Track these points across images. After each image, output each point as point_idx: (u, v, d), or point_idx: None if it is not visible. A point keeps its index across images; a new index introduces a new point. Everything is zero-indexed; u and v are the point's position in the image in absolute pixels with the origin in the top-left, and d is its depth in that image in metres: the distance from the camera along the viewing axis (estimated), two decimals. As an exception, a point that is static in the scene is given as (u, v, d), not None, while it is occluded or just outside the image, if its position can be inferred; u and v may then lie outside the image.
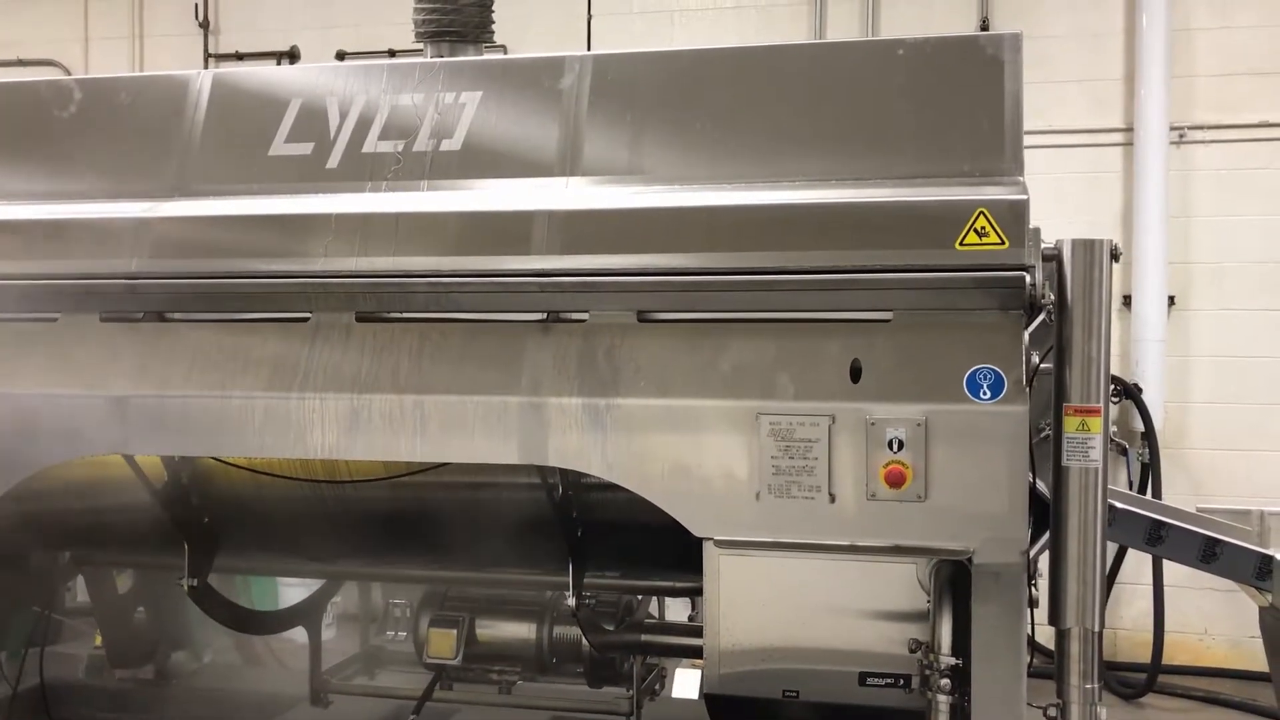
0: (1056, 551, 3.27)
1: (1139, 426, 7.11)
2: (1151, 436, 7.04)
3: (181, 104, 3.85)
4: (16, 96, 4.08)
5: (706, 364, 3.25)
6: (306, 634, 4.88)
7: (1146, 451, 7.08)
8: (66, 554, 4.57)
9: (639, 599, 4.55)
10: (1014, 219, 3.08)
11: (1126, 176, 7.61)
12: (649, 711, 4.53)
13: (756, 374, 3.22)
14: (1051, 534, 3.30)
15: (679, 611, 5.26)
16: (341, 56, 8.46)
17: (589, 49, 8.04)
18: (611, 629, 4.34)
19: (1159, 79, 7.36)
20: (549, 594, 4.48)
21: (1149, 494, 6.86)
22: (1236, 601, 5.70)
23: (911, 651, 3.18)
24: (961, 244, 3.09)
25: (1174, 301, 7.49)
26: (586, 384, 3.30)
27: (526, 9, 7.88)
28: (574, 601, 3.76)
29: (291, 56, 8.83)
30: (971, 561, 3.09)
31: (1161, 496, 6.80)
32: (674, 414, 3.24)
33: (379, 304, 3.50)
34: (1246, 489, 7.17)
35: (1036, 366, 3.37)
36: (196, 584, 4.06)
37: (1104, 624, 3.28)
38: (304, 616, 4.89)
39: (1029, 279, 3.08)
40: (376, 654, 5.17)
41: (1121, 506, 4.10)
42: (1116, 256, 3.27)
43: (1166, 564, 6.75)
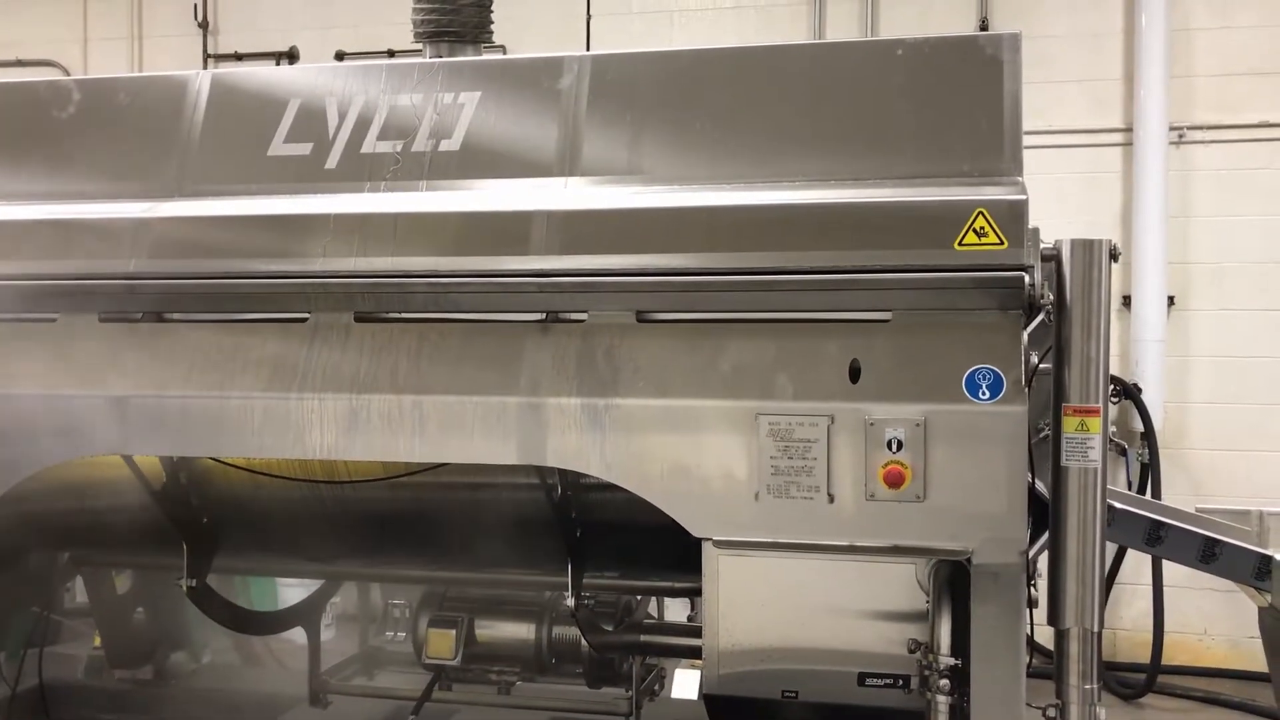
0: (1055, 552, 3.27)
1: (1138, 427, 7.11)
2: (1151, 437, 7.03)
3: (180, 104, 3.84)
4: (15, 97, 4.08)
5: (705, 364, 3.25)
6: (305, 634, 4.88)
7: (1146, 452, 7.08)
8: (65, 554, 4.57)
9: (638, 599, 4.55)
10: (1013, 219, 3.08)
11: (1126, 176, 7.61)
12: (648, 712, 4.52)
13: (755, 374, 3.21)
14: (1051, 534, 3.30)
15: (678, 612, 5.25)
16: (340, 57, 8.46)
17: (588, 49, 8.04)
18: (610, 629, 4.33)
19: (1158, 79, 7.36)
20: (548, 594, 4.48)
21: (1148, 494, 6.86)
22: (1236, 602, 5.70)
23: (911, 652, 3.18)
24: (960, 244, 3.09)
25: (1173, 301, 7.49)
26: (585, 384, 3.30)
27: (525, 9, 7.88)
28: (573, 602, 3.75)
29: (290, 57, 8.83)
30: (970, 562, 3.08)
31: (1161, 497, 6.79)
32: (673, 414, 3.24)
33: (378, 304, 3.50)
34: (1246, 489, 7.17)
35: (1036, 367, 3.36)
36: (195, 584, 4.06)
37: (1103, 624, 3.29)
38: (303, 617, 4.88)
39: (1028, 279, 3.08)
40: (375, 654, 5.16)
41: (1121, 507, 4.10)
42: (1116, 256, 3.27)
43: (1166, 564, 6.75)
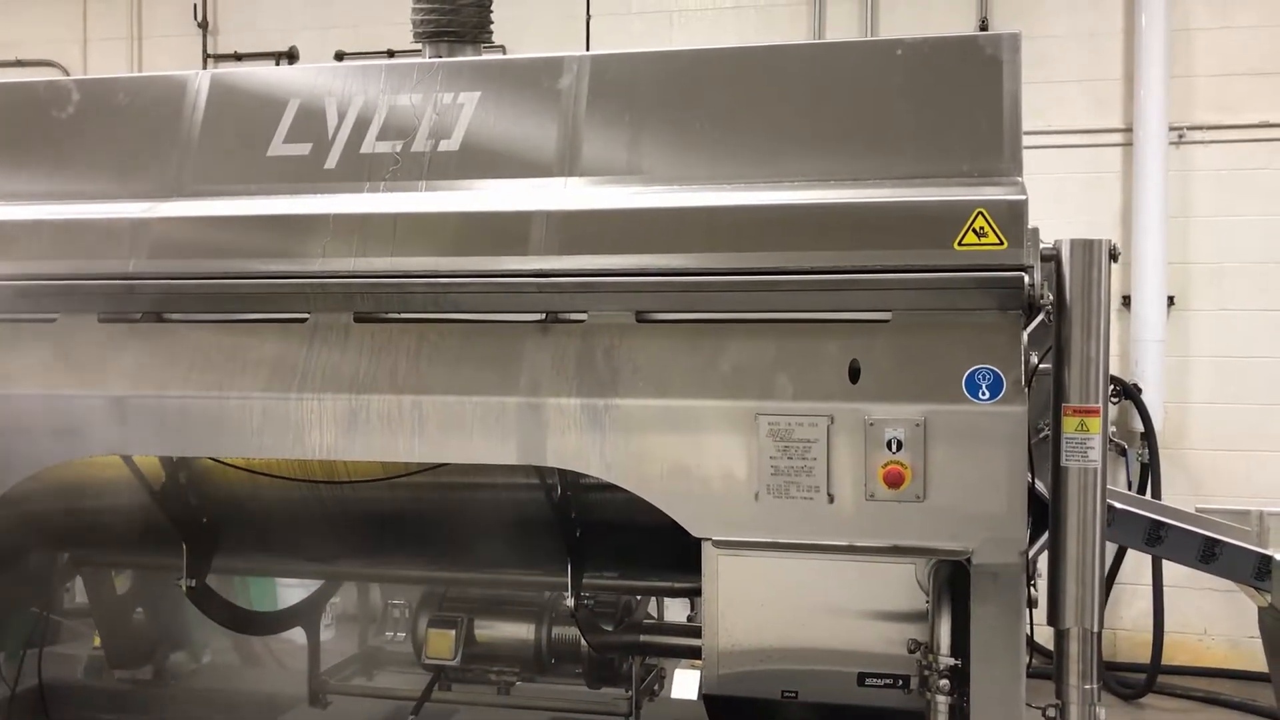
0: (1055, 552, 3.27)
1: (1138, 427, 7.10)
2: (1151, 437, 7.03)
3: (180, 104, 3.84)
4: (15, 97, 4.07)
5: (705, 364, 3.25)
6: (305, 635, 4.88)
7: (1146, 452, 7.08)
8: (65, 555, 4.57)
9: (638, 599, 4.55)
10: (1013, 219, 3.07)
11: (1126, 177, 7.61)
12: (648, 712, 4.52)
13: (755, 374, 3.21)
14: (1050, 534, 3.30)
15: (678, 612, 5.25)
16: (340, 57, 8.46)
17: (588, 49, 8.04)
18: (610, 629, 4.33)
19: (1158, 79, 7.36)
20: (548, 594, 4.48)
21: (1148, 494, 6.85)
22: (1236, 602, 5.70)
23: (910, 652, 3.18)
24: (960, 244, 3.08)
25: (1173, 302, 7.49)
26: (585, 384, 3.30)
27: (525, 9, 7.88)
28: (573, 602, 3.75)
29: (290, 57, 8.83)
30: (970, 562, 3.08)
31: (1161, 497, 6.79)
32: (673, 414, 3.24)
33: (377, 304, 3.50)
34: (1246, 489, 7.17)
35: (1035, 367, 3.36)
36: (195, 584, 4.06)
37: (1103, 624, 3.28)
38: (303, 617, 4.88)
39: (1028, 279, 3.08)
40: (375, 655, 5.16)
41: (1120, 507, 4.09)
42: (1115, 256, 3.27)
43: (1166, 564, 6.75)
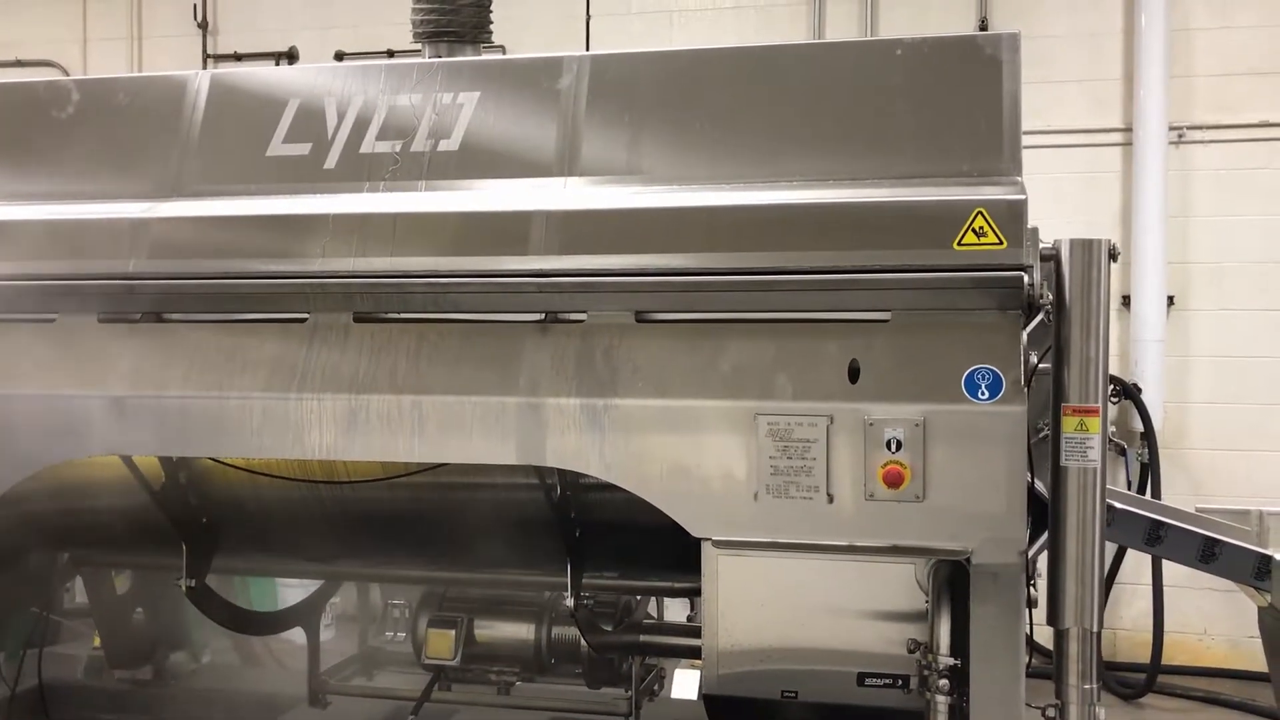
0: (1055, 552, 3.27)
1: (1138, 426, 7.10)
2: (1151, 436, 7.03)
3: (179, 104, 3.84)
4: (15, 97, 4.07)
5: (705, 364, 3.25)
6: (305, 635, 4.88)
7: (1145, 451, 7.08)
8: (65, 555, 4.57)
9: (637, 599, 4.55)
10: (1012, 219, 3.07)
11: (1125, 176, 7.61)
12: (648, 712, 4.52)
13: (755, 374, 3.21)
14: (1050, 534, 3.30)
15: (678, 612, 5.25)
16: (340, 57, 8.46)
17: (587, 49, 8.04)
18: (610, 629, 4.33)
19: (1158, 79, 7.36)
20: (547, 594, 4.48)
21: (1148, 494, 6.85)
22: (1236, 601, 5.70)
23: (910, 652, 3.18)
24: (960, 244, 3.08)
25: (1173, 301, 7.49)
26: (585, 384, 3.30)
27: (525, 9, 7.88)
28: (572, 602, 3.76)
29: (290, 57, 8.83)
30: (970, 562, 3.08)
31: (1161, 496, 6.79)
32: (672, 414, 3.24)
33: (377, 304, 3.50)
34: (1246, 489, 7.17)
35: (1035, 366, 3.36)
36: (195, 585, 4.06)
37: (1103, 624, 3.28)
38: (302, 617, 4.88)
39: (1027, 279, 3.08)
40: (375, 655, 5.16)
41: (1120, 506, 4.09)
42: (1115, 256, 3.27)
43: (1166, 564, 6.75)
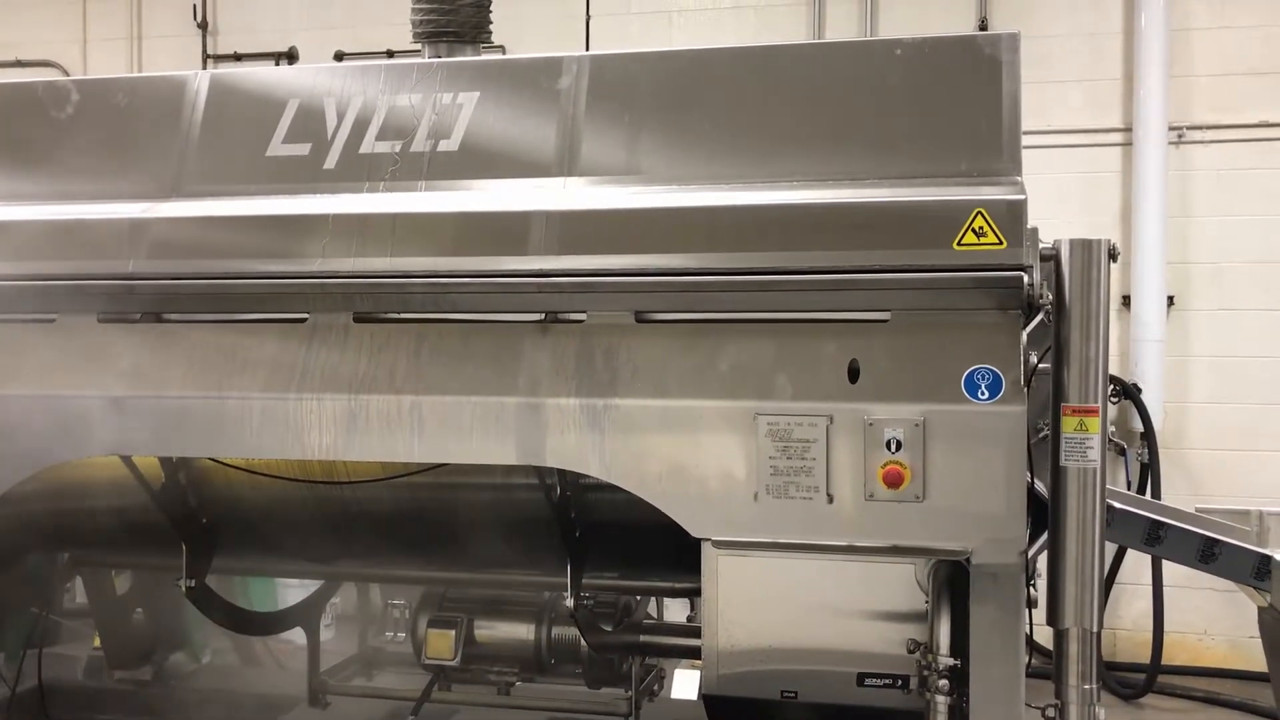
0: (1055, 552, 3.27)
1: (1138, 427, 7.11)
2: (1150, 437, 7.03)
3: (179, 105, 3.84)
4: (14, 97, 4.07)
5: (704, 364, 3.25)
6: (305, 635, 4.87)
7: (1145, 452, 7.08)
8: (65, 555, 4.57)
9: (637, 599, 4.54)
10: (1012, 219, 3.07)
11: (1125, 176, 7.61)
12: (647, 712, 4.52)
13: (754, 374, 3.21)
14: (1050, 534, 3.30)
15: (678, 612, 5.26)
16: (339, 57, 8.46)
17: (587, 49, 8.04)
18: (610, 630, 4.33)
19: (1158, 79, 7.37)
20: (547, 595, 4.48)
21: (1148, 494, 6.86)
22: (1236, 601, 5.70)
23: (910, 652, 3.18)
24: (959, 244, 3.08)
25: (1173, 301, 7.49)
26: (584, 384, 3.30)
27: (524, 10, 7.88)
28: (572, 602, 3.75)
29: (289, 57, 8.83)
30: (970, 562, 3.08)
31: (1160, 497, 6.79)
32: (672, 414, 3.24)
33: (376, 305, 3.50)
34: (1245, 489, 7.17)
35: (1035, 366, 3.36)
36: (194, 585, 4.05)
37: (1102, 624, 3.28)
38: (302, 617, 4.88)
39: (1027, 279, 3.08)
40: (375, 655, 5.16)
41: (1120, 507, 4.09)
42: (1114, 256, 3.27)
43: (1166, 564, 6.75)
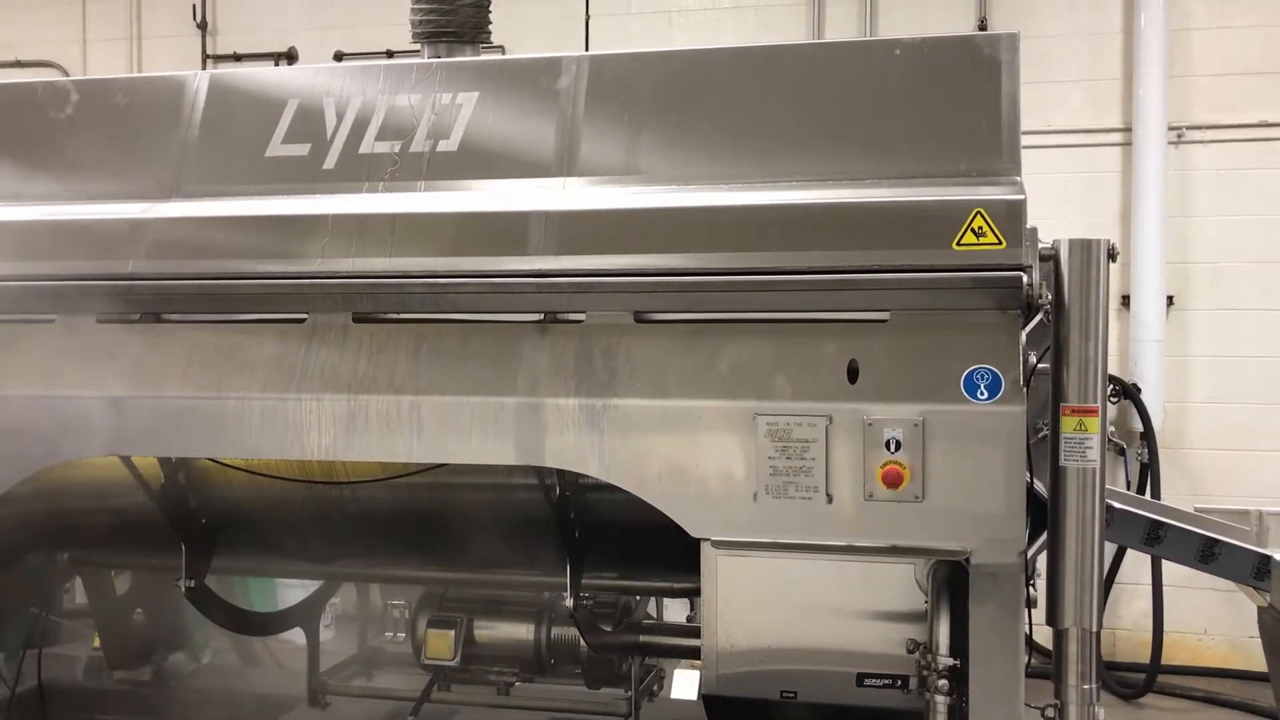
0: (1054, 552, 3.27)
1: (1138, 426, 7.11)
2: (1150, 436, 7.03)
3: (178, 105, 3.84)
4: (14, 97, 4.07)
5: (703, 364, 3.25)
6: (304, 635, 4.87)
7: (1145, 451, 7.08)
8: (64, 555, 4.57)
9: (637, 600, 4.54)
10: (1011, 219, 3.07)
11: (1125, 176, 7.62)
12: (647, 712, 4.52)
13: (753, 374, 3.21)
14: (1049, 534, 3.30)
15: (677, 612, 5.26)
16: (339, 57, 8.46)
17: (586, 49, 8.04)
18: (609, 630, 4.33)
19: (1157, 79, 7.37)
20: (547, 595, 4.47)
21: (1148, 494, 6.86)
22: (1235, 601, 5.71)
23: (909, 652, 3.18)
24: (959, 244, 3.08)
25: (1172, 301, 7.49)
26: (583, 385, 3.30)
27: (524, 10, 7.88)
28: (572, 602, 3.75)
29: (289, 58, 8.84)
30: (969, 562, 3.08)
31: (1160, 496, 6.80)
32: (671, 415, 3.24)
33: (376, 305, 3.50)
34: (1245, 489, 7.17)
35: (1034, 366, 3.36)
36: (194, 585, 4.05)
37: (1102, 624, 3.28)
38: (302, 618, 4.88)
39: (1026, 279, 3.08)
40: (374, 655, 5.16)
41: (1119, 507, 4.09)
42: (1114, 256, 3.27)
43: (1166, 564, 6.75)
